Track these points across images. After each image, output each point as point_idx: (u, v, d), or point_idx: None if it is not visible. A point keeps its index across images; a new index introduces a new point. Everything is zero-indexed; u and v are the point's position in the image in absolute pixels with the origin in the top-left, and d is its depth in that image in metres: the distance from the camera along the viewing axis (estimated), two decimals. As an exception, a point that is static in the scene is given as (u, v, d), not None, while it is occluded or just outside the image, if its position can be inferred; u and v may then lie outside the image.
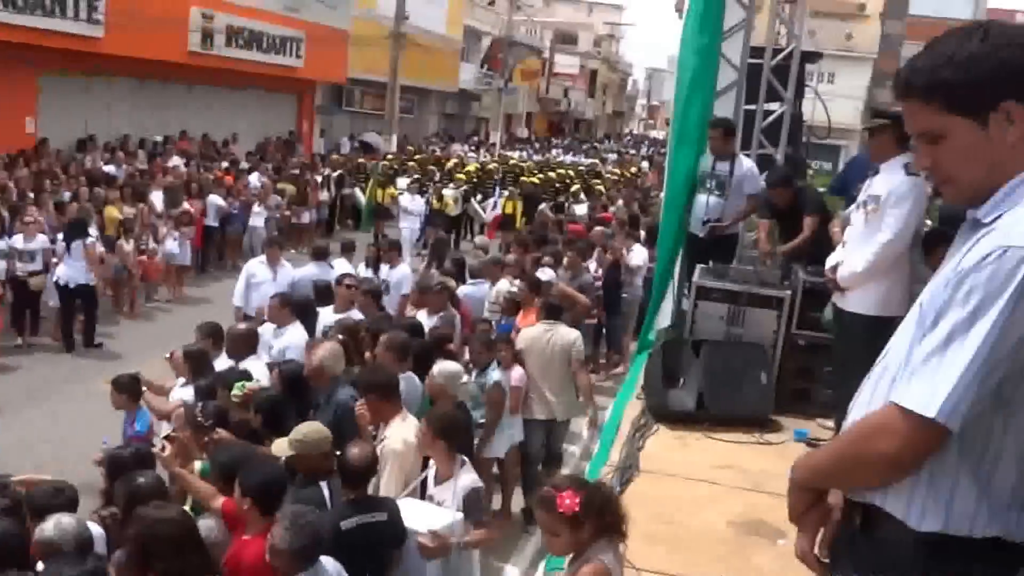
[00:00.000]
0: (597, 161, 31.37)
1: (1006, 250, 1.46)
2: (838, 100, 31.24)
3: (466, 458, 4.44)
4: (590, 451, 6.38)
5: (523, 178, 20.86)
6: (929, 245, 4.38)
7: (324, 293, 7.80)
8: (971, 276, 1.49)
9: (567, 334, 6.39)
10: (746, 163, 6.85)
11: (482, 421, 6.01)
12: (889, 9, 37.04)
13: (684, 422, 5.07)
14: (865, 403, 1.71)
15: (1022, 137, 1.56)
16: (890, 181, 4.34)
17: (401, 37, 26.17)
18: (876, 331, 4.25)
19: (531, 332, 6.54)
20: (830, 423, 4.96)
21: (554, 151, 35.25)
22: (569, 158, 31.84)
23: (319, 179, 18.13)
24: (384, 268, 9.42)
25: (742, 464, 4.61)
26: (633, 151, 43.16)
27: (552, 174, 22.29)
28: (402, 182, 17.99)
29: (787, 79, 7.79)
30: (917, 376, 1.52)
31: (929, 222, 5.49)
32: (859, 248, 4.43)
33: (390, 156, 23.42)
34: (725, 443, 4.88)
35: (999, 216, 1.56)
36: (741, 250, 7.19)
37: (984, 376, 1.47)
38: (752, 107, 7.78)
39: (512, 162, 24.68)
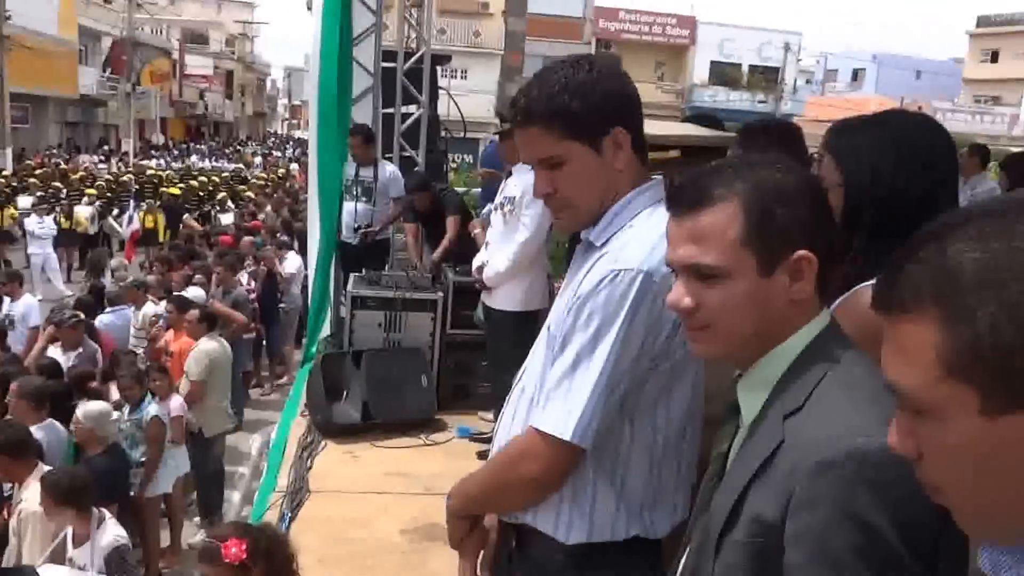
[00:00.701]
0: (242, 166, 30.19)
1: (617, 273, 1.57)
2: (472, 96, 33.05)
3: (107, 512, 4.10)
4: (260, 469, 6.14)
5: (163, 189, 19.42)
6: None
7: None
8: (590, 301, 1.59)
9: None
10: (389, 168, 6.95)
11: (143, 460, 5.60)
12: (510, 7, 39.77)
13: (352, 435, 5.02)
14: (507, 427, 1.77)
15: (628, 162, 1.67)
16: (522, 182, 4.62)
17: (4, 39, 23.05)
18: (523, 325, 4.52)
19: (209, 346, 6.42)
20: (490, 415, 5.20)
21: (194, 157, 33.34)
22: (211, 164, 30.27)
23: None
24: (6, 301, 8.29)
25: (412, 469, 4.67)
26: (279, 153, 42.16)
27: (194, 182, 21.03)
28: (23, 201, 15.91)
29: (421, 82, 8.02)
30: (551, 400, 1.60)
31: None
32: (500, 248, 4.66)
33: (5, 173, 20.62)
34: (394, 450, 4.91)
35: (609, 238, 1.67)
36: (394, 255, 7.30)
37: (610, 393, 1.57)
38: (390, 111, 7.90)
39: (149, 172, 22.84)
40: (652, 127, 2.14)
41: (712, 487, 1.30)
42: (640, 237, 1.62)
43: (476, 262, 4.89)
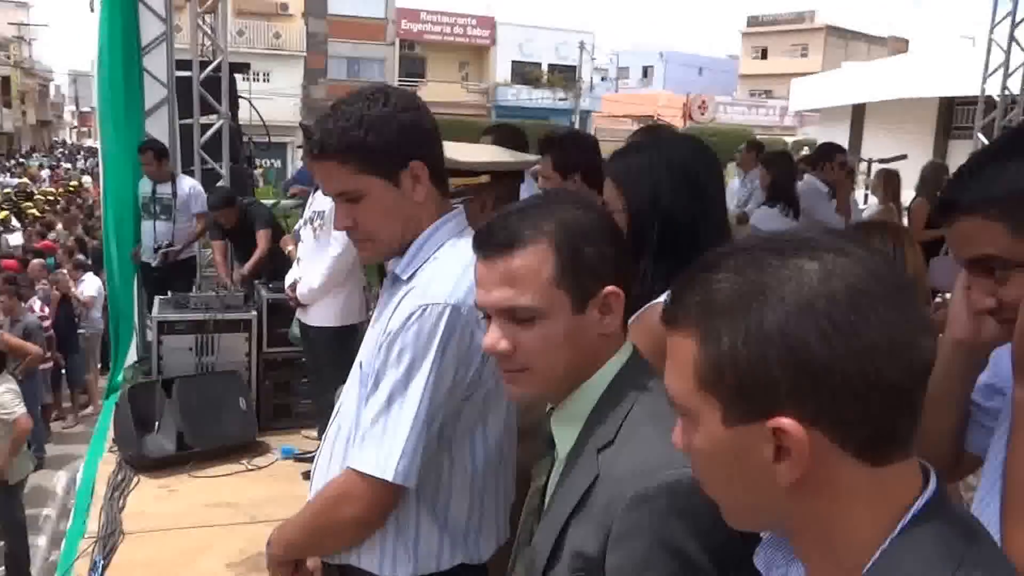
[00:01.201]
0: (27, 180, 27.73)
1: (426, 308, 1.59)
2: (276, 99, 32.08)
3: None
4: (68, 509, 5.72)
5: (-70, 210, 17.54)
6: None
7: None
8: (400, 337, 1.59)
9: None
10: (188, 182, 6.65)
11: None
12: (309, 8, 38.96)
13: (167, 467, 4.78)
14: (324, 468, 1.76)
15: (428, 194, 1.69)
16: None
17: None
18: (341, 341, 4.48)
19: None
20: (314, 433, 5.11)
21: (-32, 172, 30.29)
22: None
23: None
24: None
25: (235, 498, 4.51)
26: (69, 164, 39.08)
27: (-32, 201, 19.16)
28: None
29: (219, 91, 7.71)
30: (368, 440, 1.59)
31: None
32: (313, 263, 4.59)
33: None
34: (214, 479, 4.72)
35: (415, 272, 1.68)
36: (201, 274, 6.99)
37: (427, 428, 1.59)
38: (189, 122, 7.56)
39: (-88, 192, 20.56)
40: (459, 153, 2.20)
41: (533, 521, 1.36)
42: (445, 270, 1.64)
43: (288, 279, 4.79)
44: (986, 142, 9.97)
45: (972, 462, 1.36)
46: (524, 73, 42.10)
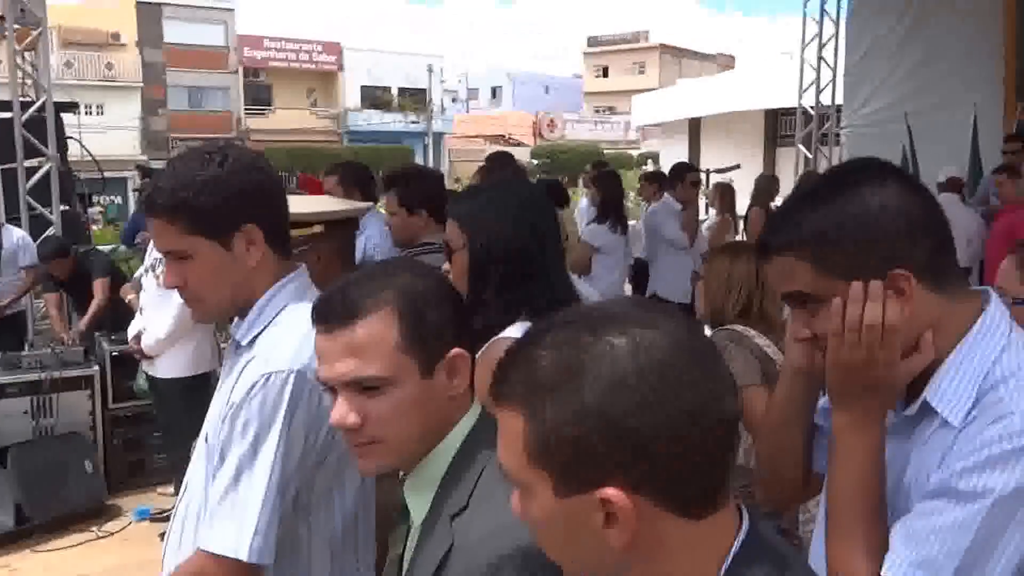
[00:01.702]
0: None
1: (269, 376, 1.54)
2: (112, 132, 30.56)
3: None
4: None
5: None
6: None
7: None
8: (244, 408, 1.54)
9: None
10: (16, 233, 6.24)
11: None
12: (144, 37, 37.37)
13: (5, 544, 4.45)
14: (175, 548, 1.68)
15: (263, 257, 1.65)
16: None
17: None
18: (193, 391, 4.30)
19: None
20: (170, 489, 4.89)
21: None
22: None
23: None
24: None
25: (84, 569, 4.25)
26: None
27: None
28: None
29: (45, 132, 7.29)
30: (218, 518, 1.52)
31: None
32: (157, 312, 4.40)
33: None
34: (60, 552, 4.43)
35: (256, 337, 1.64)
36: (33, 330, 6.56)
37: (280, 501, 1.53)
38: (11, 166, 7.09)
39: None
40: (289, 204, 2.18)
41: None
42: (287, 334, 1.61)
43: (132, 330, 4.57)
44: (805, 151, 10.74)
45: (820, 482, 1.42)
46: (374, 97, 41.87)
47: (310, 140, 37.55)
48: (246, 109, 38.65)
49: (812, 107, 10.60)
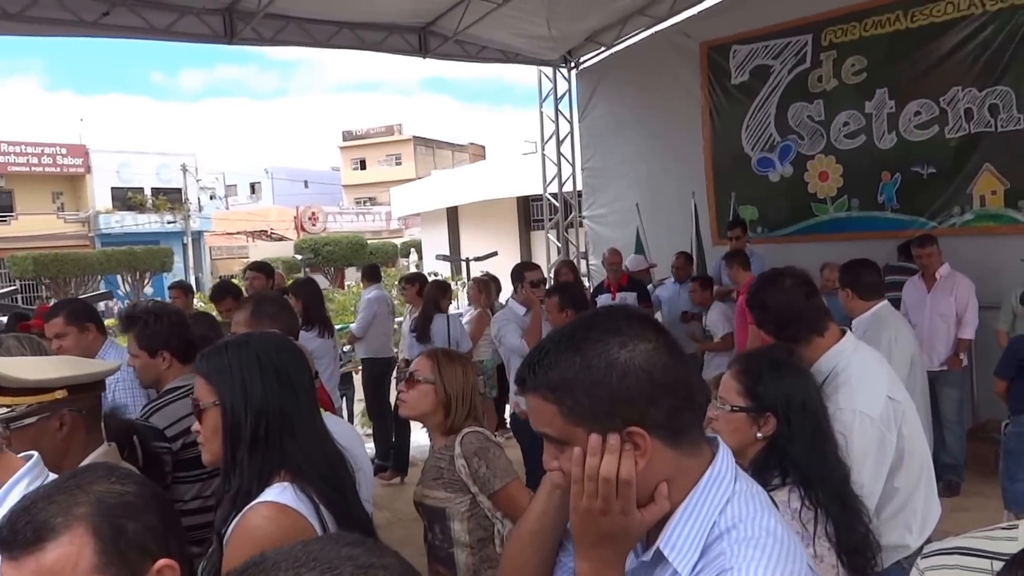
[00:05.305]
0: None
1: None
2: None
3: None
4: None
5: None
6: None
7: None
8: None
9: None
10: None
11: None
12: None
13: None
14: None
15: None
16: None
17: None
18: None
19: None
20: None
21: None
22: None
23: None
24: None
25: None
26: None
27: None
28: None
29: None
30: None
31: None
32: None
33: None
34: None
35: None
36: None
37: None
38: None
39: None
40: (24, 370, 2.08)
41: None
42: None
43: None
44: (554, 239, 11.57)
45: None
46: (125, 199, 39.59)
47: (59, 246, 34.77)
48: (-15, 216, 35.29)
49: (554, 196, 11.45)
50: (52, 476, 1.57)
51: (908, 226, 7.67)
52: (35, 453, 1.66)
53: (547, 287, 6.21)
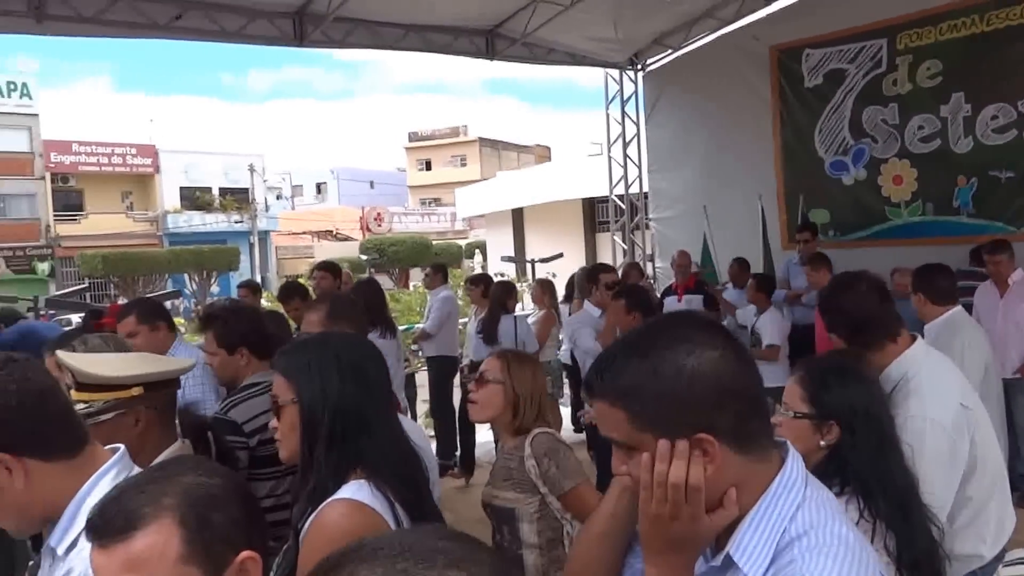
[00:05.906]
0: None
1: None
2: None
3: None
4: None
5: None
6: None
7: None
8: None
9: None
10: None
11: None
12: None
13: None
14: None
15: (35, 474, 1.51)
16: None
17: None
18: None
19: None
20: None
21: None
22: None
23: None
24: None
25: None
26: None
27: None
28: None
29: None
30: None
31: None
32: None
33: None
34: None
35: (73, 544, 1.50)
36: None
37: None
38: None
39: None
40: (104, 367, 2.14)
41: None
42: None
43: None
44: (620, 241, 11.56)
45: None
46: (194, 198, 40.72)
47: (129, 244, 35.94)
48: (55, 215, 36.62)
49: (620, 197, 11.44)
50: (138, 469, 1.61)
51: (984, 231, 7.48)
52: (121, 446, 1.69)
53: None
